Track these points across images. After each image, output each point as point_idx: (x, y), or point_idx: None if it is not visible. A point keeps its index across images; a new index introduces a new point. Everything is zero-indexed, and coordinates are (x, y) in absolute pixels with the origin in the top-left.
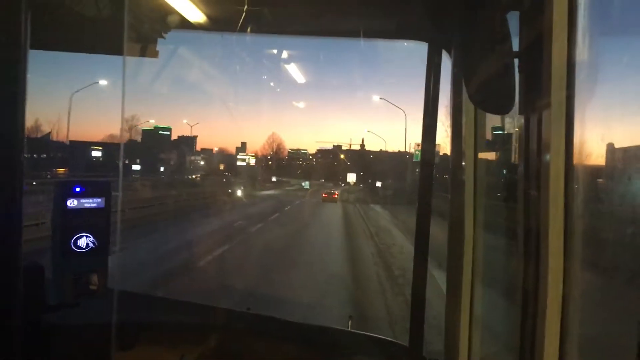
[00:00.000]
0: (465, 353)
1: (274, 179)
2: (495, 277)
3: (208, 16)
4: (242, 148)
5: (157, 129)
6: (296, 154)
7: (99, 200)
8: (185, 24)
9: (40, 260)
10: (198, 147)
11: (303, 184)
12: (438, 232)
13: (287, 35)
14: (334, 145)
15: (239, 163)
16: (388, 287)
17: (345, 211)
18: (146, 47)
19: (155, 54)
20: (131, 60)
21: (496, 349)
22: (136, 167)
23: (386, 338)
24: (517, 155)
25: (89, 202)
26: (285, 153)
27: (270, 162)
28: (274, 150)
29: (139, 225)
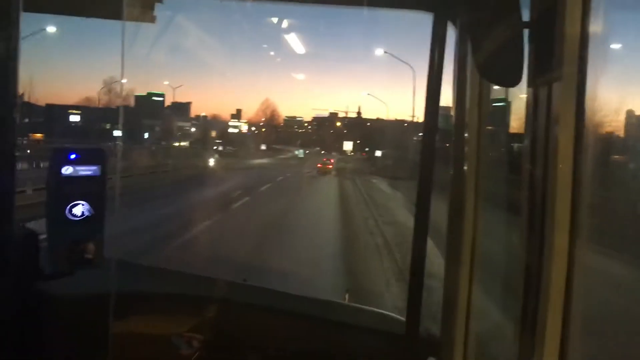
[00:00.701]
0: (462, 327)
1: (263, 147)
2: (497, 252)
3: None
4: (238, 115)
5: (150, 94)
6: (292, 122)
7: (94, 167)
8: None
9: (34, 228)
10: (192, 114)
11: (296, 152)
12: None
13: (288, 3)
14: (330, 113)
15: (230, 130)
16: None
17: (341, 189)
18: (144, 12)
19: (152, 19)
20: (126, 25)
21: (495, 323)
22: (117, 133)
23: (383, 312)
24: (524, 129)
25: (84, 170)
26: (281, 120)
27: (264, 130)
28: (268, 117)
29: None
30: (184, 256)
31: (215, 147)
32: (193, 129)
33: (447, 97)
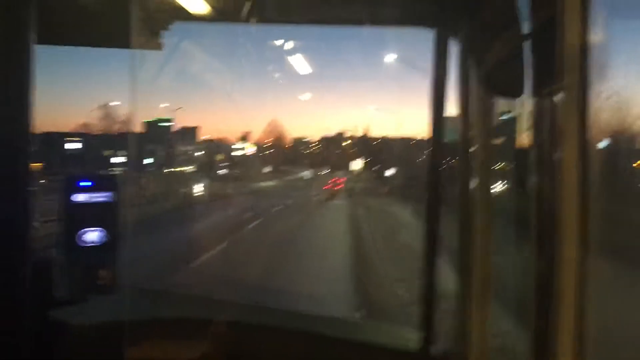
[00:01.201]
0: (478, 341)
1: (266, 169)
2: (508, 266)
3: (212, 7)
4: (245, 138)
5: (157, 120)
6: (299, 143)
7: (107, 194)
8: (189, 16)
9: (48, 256)
10: (200, 138)
11: (302, 174)
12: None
13: (292, 25)
14: (337, 133)
15: (234, 153)
16: None
17: (354, 225)
18: (150, 40)
19: (159, 47)
20: (133, 52)
21: (511, 341)
22: (117, 160)
23: (398, 328)
24: (528, 141)
25: (97, 197)
26: (288, 141)
27: (270, 151)
28: (275, 138)
29: None
30: None
31: (217, 171)
32: (198, 153)
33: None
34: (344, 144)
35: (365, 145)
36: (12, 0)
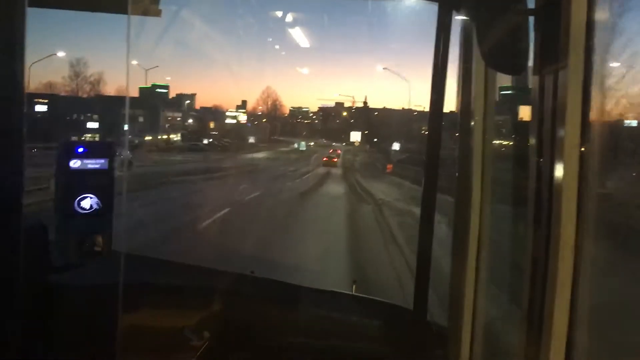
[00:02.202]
0: (469, 318)
1: (251, 139)
2: (503, 243)
3: None
4: (243, 106)
5: (154, 86)
6: (297, 113)
7: (102, 160)
8: None
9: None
10: (197, 106)
11: (296, 145)
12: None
13: None
14: (336, 103)
15: (227, 121)
16: None
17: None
18: (149, 6)
19: (158, 13)
20: (129, 19)
21: (502, 315)
22: (93, 125)
23: (390, 302)
24: (530, 118)
25: (93, 163)
26: (284, 111)
27: (264, 120)
28: (269, 107)
29: None
30: None
31: (206, 141)
32: (190, 120)
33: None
34: (344, 113)
35: (365, 116)
36: None
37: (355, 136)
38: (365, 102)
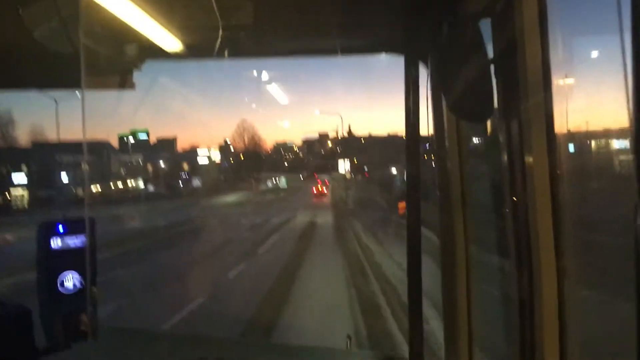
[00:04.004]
0: None
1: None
2: (490, 285)
3: (184, 44)
4: (226, 147)
5: (133, 132)
6: (282, 147)
7: (83, 238)
8: (160, 53)
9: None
10: (179, 149)
11: (276, 181)
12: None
13: (264, 58)
14: (320, 134)
15: (200, 161)
16: None
17: None
18: (122, 79)
19: (132, 86)
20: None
21: (498, 356)
22: (19, 178)
23: (386, 353)
24: (501, 160)
25: (74, 241)
26: (265, 146)
27: (242, 158)
28: (246, 142)
29: None
30: None
31: (168, 184)
32: (161, 163)
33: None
34: (328, 143)
35: (351, 144)
36: None
37: (343, 165)
38: (349, 132)
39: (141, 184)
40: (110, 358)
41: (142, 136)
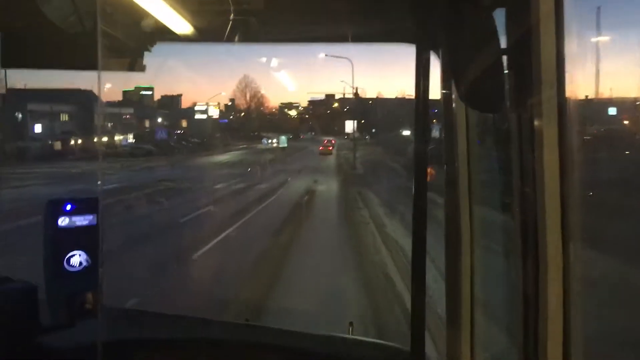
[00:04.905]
0: (467, 356)
1: (223, 137)
2: (495, 278)
3: (194, 27)
4: (232, 106)
5: (138, 88)
6: (287, 107)
7: (90, 217)
8: (171, 36)
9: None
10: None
11: (266, 141)
12: None
13: (276, 43)
14: (326, 95)
15: (198, 117)
16: None
17: None
18: (132, 61)
19: (142, 68)
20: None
21: (499, 352)
22: None
23: (387, 343)
24: (510, 152)
25: (81, 220)
26: (272, 106)
27: (243, 115)
28: (248, 100)
29: None
30: None
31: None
32: (160, 118)
33: None
34: (334, 104)
35: (358, 106)
36: None
37: (351, 126)
38: (356, 93)
39: (130, 140)
40: (113, 336)
41: (146, 92)
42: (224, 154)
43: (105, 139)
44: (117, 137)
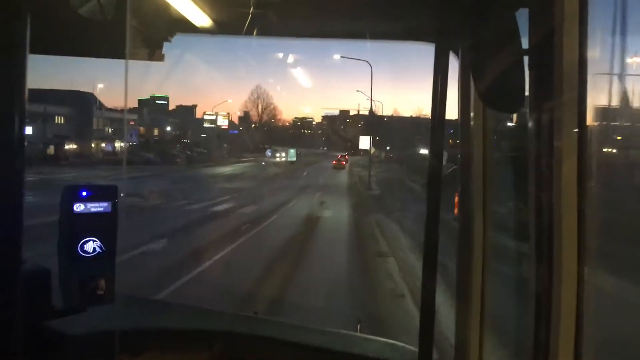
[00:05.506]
0: (476, 357)
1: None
2: (507, 280)
3: (214, 20)
4: (246, 116)
5: (153, 97)
6: (301, 122)
7: (105, 204)
8: (191, 28)
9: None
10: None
11: (279, 154)
12: None
13: (294, 38)
14: (340, 111)
15: (205, 126)
16: None
17: None
18: (152, 51)
19: (161, 58)
20: (126, 63)
21: (508, 355)
22: None
23: (396, 343)
24: (528, 155)
25: (96, 207)
26: (280, 118)
27: (254, 126)
28: (259, 111)
29: None
30: None
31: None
32: (168, 128)
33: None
34: (348, 120)
35: (374, 122)
36: (6, 8)
37: (365, 142)
38: (371, 110)
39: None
40: (123, 322)
41: (161, 101)
42: (227, 166)
43: (103, 144)
44: (117, 144)
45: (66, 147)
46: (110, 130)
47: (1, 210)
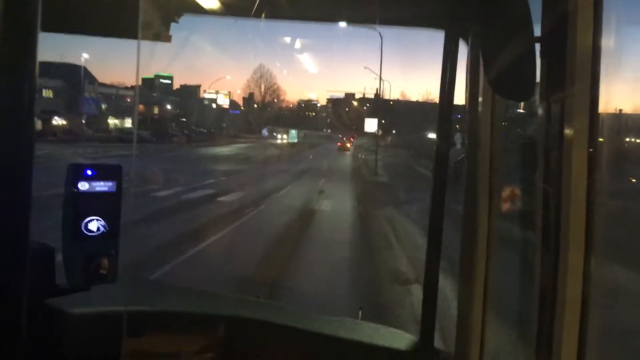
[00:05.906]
0: (477, 348)
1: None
2: (511, 269)
3: (222, 1)
4: (250, 98)
5: (157, 76)
6: (306, 105)
7: (110, 183)
8: (199, 9)
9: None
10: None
11: (280, 135)
12: None
13: (302, 21)
14: (346, 94)
15: (205, 106)
16: None
17: None
18: (159, 32)
19: (168, 39)
20: (138, 43)
21: (510, 344)
22: None
23: (397, 330)
24: (536, 148)
25: (101, 186)
26: (284, 100)
27: (256, 106)
28: (262, 91)
29: None
30: None
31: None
32: (168, 106)
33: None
34: (354, 103)
35: (378, 107)
36: None
37: (371, 124)
38: (377, 94)
39: (127, 125)
40: (126, 302)
41: (165, 80)
42: (226, 147)
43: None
44: (110, 121)
45: (55, 122)
46: (104, 106)
47: (9, 188)
